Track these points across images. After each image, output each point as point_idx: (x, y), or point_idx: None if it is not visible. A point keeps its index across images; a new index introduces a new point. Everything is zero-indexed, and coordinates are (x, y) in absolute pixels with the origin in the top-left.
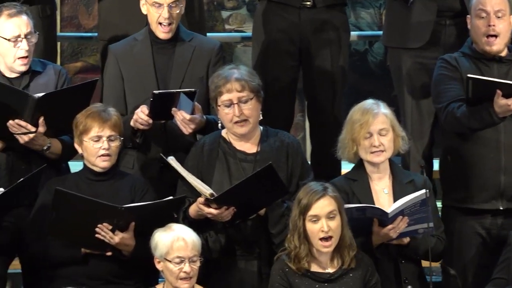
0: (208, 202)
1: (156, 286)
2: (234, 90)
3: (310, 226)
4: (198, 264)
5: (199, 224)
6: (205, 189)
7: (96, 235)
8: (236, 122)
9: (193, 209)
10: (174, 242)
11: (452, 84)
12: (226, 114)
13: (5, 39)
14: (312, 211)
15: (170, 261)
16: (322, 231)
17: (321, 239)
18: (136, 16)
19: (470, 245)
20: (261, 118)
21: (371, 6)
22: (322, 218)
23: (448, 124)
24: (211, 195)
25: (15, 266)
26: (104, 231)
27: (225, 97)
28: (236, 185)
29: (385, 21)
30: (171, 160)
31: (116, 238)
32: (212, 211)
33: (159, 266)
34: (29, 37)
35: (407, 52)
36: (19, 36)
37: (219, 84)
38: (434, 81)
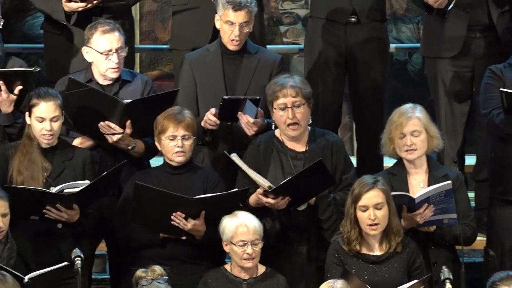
0: (266, 193)
1: (225, 265)
2: (289, 95)
3: (360, 214)
4: (259, 246)
5: (257, 212)
6: (264, 182)
7: (171, 222)
8: (289, 125)
9: (252, 199)
10: (238, 228)
11: (495, 93)
12: (280, 116)
13: (98, 52)
14: (362, 202)
15: (234, 244)
16: (369, 219)
17: (369, 225)
18: (204, 29)
19: (508, 231)
20: (310, 122)
21: (410, 21)
22: (370, 208)
23: (489, 129)
24: (269, 187)
25: (101, 248)
26: (178, 219)
27: (280, 101)
28: (291, 178)
29: (422, 34)
30: (234, 156)
31: (189, 224)
32: (270, 200)
33: (226, 249)
34: (119, 51)
35: (442, 61)
36: (110, 50)
37: (276, 90)
38: (481, 89)
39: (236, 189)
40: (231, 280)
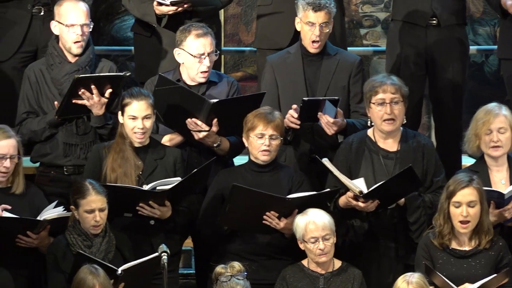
0: (356, 197)
1: (302, 261)
2: (389, 92)
3: (453, 210)
4: (331, 241)
5: (346, 212)
6: (355, 187)
7: (263, 222)
8: (385, 120)
9: (342, 201)
10: (308, 225)
11: None
12: (378, 111)
13: (191, 55)
14: (456, 198)
15: (307, 242)
16: (462, 215)
17: (460, 221)
18: (287, 31)
19: None
20: (405, 121)
21: (487, 24)
22: (463, 204)
23: None
24: (360, 192)
25: (187, 244)
26: (271, 218)
27: (379, 96)
28: (381, 184)
29: (499, 36)
30: (325, 161)
31: (281, 223)
32: (360, 204)
33: (301, 246)
34: (211, 55)
35: None
36: (203, 54)
37: (375, 85)
38: None
39: (328, 190)
40: (308, 275)
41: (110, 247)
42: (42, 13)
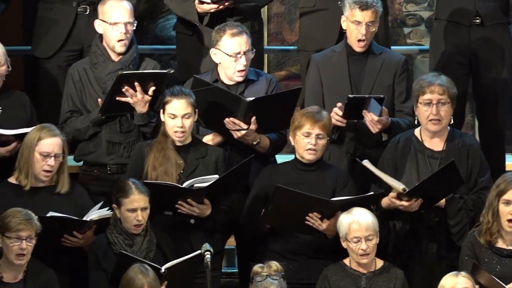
0: (399, 196)
1: (344, 260)
2: (436, 92)
3: (502, 208)
4: (374, 242)
5: (388, 214)
6: (398, 185)
7: (306, 222)
8: (430, 120)
9: (385, 202)
10: (351, 225)
11: None
12: (424, 111)
13: (227, 54)
14: (506, 196)
15: (349, 241)
16: (510, 214)
17: (508, 220)
18: (331, 30)
19: None
20: (452, 122)
21: None
22: None
23: None
24: (404, 190)
25: (230, 243)
26: (313, 219)
27: (426, 96)
28: (425, 180)
29: None
30: (366, 162)
31: (324, 225)
32: (404, 203)
33: (344, 245)
34: (247, 54)
35: None
36: (239, 53)
37: (423, 85)
38: None
39: (372, 193)
40: (350, 274)
41: (151, 246)
42: (87, 12)
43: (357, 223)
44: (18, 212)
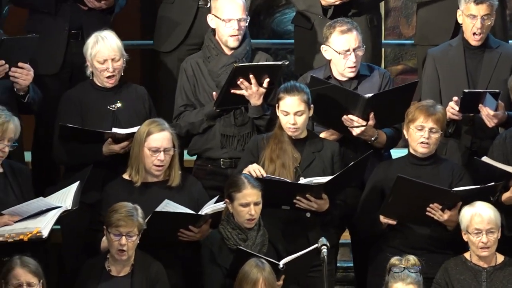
0: None
1: (464, 254)
2: None
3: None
4: (495, 235)
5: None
6: None
7: (427, 213)
8: None
9: (506, 196)
10: (473, 217)
11: None
12: None
13: (336, 51)
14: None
15: (470, 233)
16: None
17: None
18: (447, 25)
19: None
20: None
21: None
22: None
23: None
24: None
25: (345, 237)
26: (434, 210)
27: None
28: None
29: None
30: (486, 159)
31: (445, 215)
32: None
33: (465, 237)
34: (357, 51)
35: None
36: (348, 50)
37: None
38: None
39: (492, 183)
40: (470, 268)
41: (264, 241)
42: (208, 5)
43: (479, 216)
44: (122, 207)
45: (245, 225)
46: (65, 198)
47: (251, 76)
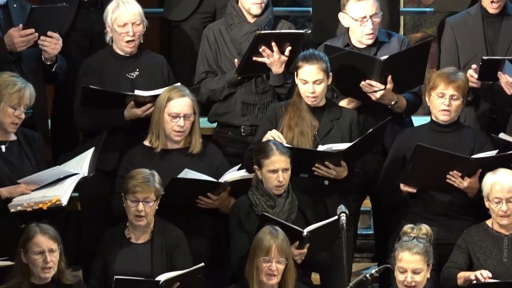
0: None
1: (486, 221)
2: None
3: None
4: None
5: None
6: None
7: (446, 181)
8: None
9: None
10: (494, 185)
11: None
12: None
13: (353, 19)
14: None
15: (490, 201)
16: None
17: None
18: None
19: None
20: None
21: None
22: None
23: None
24: None
25: (366, 205)
26: (454, 177)
27: None
28: None
29: None
30: (503, 135)
31: (465, 183)
32: None
33: (486, 204)
34: (374, 18)
35: None
36: (365, 17)
37: None
38: None
39: (511, 152)
40: (492, 235)
41: (292, 208)
42: None
43: (499, 184)
44: (139, 174)
45: (273, 191)
46: (80, 165)
47: (273, 44)
